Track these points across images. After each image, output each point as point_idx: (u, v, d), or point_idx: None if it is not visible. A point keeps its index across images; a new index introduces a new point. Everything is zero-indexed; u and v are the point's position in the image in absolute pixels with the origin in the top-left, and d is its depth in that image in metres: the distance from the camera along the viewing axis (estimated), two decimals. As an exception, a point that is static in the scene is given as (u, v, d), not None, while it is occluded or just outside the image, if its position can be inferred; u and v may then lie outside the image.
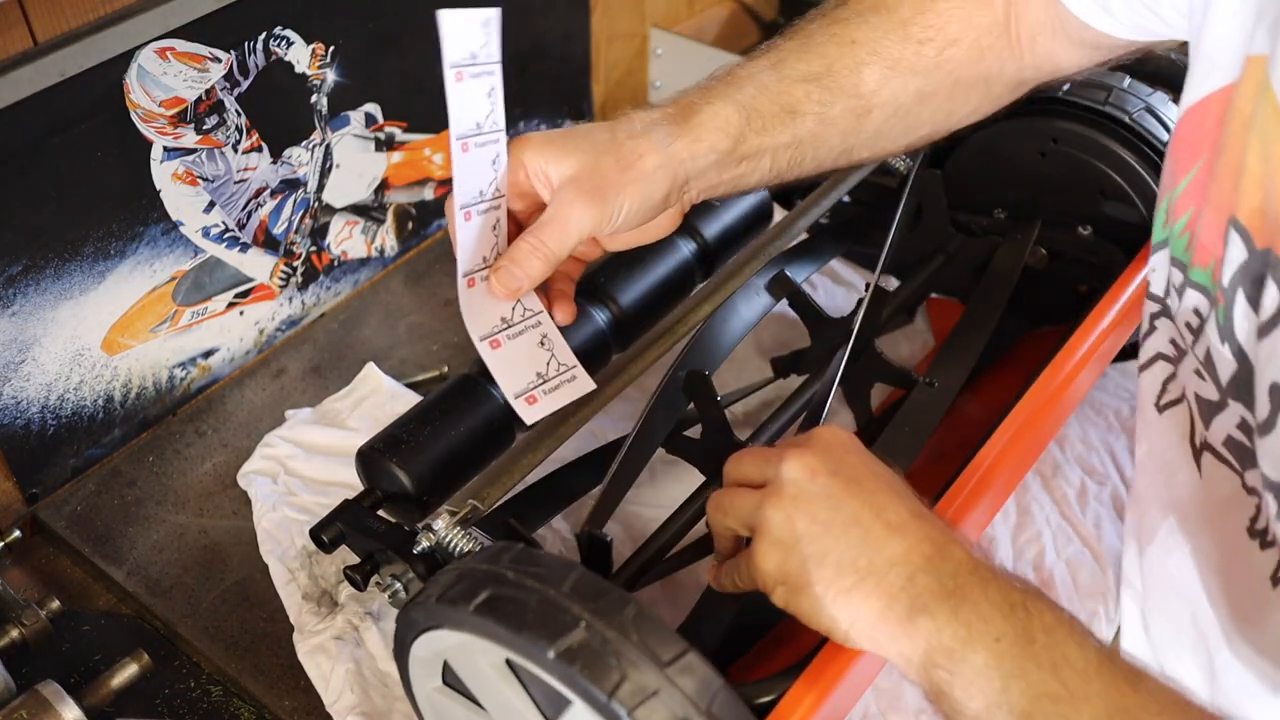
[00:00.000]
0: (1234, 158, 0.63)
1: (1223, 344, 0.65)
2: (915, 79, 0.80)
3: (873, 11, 0.81)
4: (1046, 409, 0.81)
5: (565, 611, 0.58)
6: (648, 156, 0.72)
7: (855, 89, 0.78)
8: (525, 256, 0.72)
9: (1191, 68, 0.69)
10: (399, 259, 1.26)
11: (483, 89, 0.71)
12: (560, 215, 0.71)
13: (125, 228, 0.98)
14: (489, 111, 0.72)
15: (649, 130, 0.73)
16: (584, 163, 0.71)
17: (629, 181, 0.71)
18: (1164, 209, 0.72)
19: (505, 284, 0.73)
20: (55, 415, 1.00)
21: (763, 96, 0.76)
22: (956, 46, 0.80)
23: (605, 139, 0.73)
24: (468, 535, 0.71)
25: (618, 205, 0.71)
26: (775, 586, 0.61)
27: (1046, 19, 0.80)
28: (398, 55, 1.14)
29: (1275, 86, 0.60)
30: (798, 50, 0.79)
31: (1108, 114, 0.95)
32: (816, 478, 0.61)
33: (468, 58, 0.70)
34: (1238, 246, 0.62)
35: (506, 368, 0.76)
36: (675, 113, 0.75)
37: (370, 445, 0.79)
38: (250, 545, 0.97)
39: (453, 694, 0.68)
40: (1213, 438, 0.71)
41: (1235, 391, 0.66)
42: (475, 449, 0.79)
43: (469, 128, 0.71)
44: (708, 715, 0.56)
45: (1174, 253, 0.71)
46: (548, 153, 0.72)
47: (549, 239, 0.71)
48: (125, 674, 0.85)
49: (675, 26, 1.51)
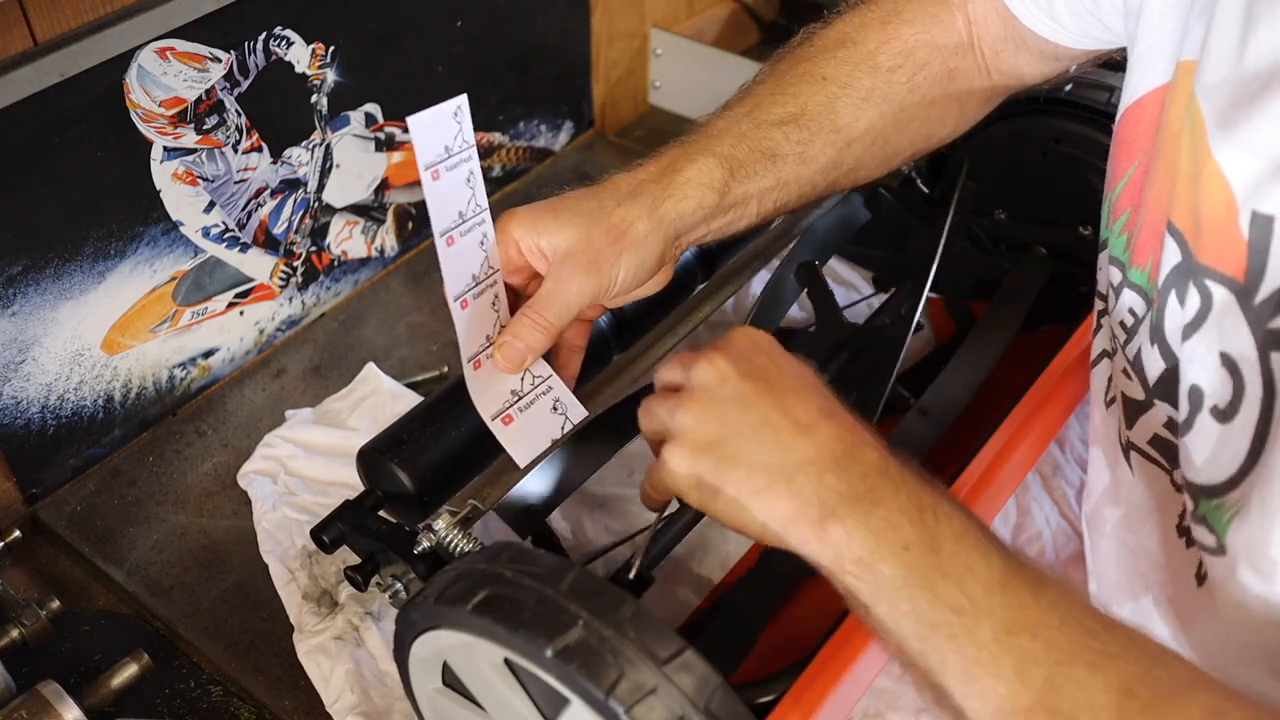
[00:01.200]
0: (1169, 162, 0.64)
1: (1153, 345, 0.66)
2: (890, 107, 0.81)
3: (839, 46, 0.82)
4: (1046, 408, 0.81)
5: (563, 610, 0.58)
6: (637, 223, 0.73)
7: (832, 124, 0.80)
8: (527, 331, 0.73)
9: (1129, 69, 0.70)
10: (399, 259, 1.26)
11: (460, 177, 0.72)
12: (560, 290, 0.73)
13: (125, 228, 0.98)
14: (469, 197, 0.73)
15: (635, 195, 0.75)
16: (576, 236, 0.73)
17: (623, 250, 0.73)
18: (1106, 209, 0.74)
19: (509, 358, 0.74)
20: (55, 415, 1.00)
21: (742, 145, 0.78)
22: (926, 70, 0.82)
23: (594, 208, 0.74)
24: (468, 535, 0.71)
25: (613, 274, 0.73)
26: (689, 490, 0.61)
27: (1006, 34, 0.82)
28: (398, 55, 1.14)
29: (1199, 95, 0.61)
30: (771, 94, 0.81)
31: (1109, 114, 0.95)
32: (727, 381, 0.61)
33: (442, 154, 0.71)
34: (1173, 249, 0.63)
35: (519, 440, 0.76)
36: (658, 172, 0.77)
37: (371, 445, 0.79)
38: (250, 545, 0.98)
39: (453, 694, 0.68)
40: (1136, 436, 0.72)
41: (1162, 391, 0.67)
42: (476, 449, 0.79)
43: (452, 220, 0.72)
44: (705, 713, 0.56)
45: (1113, 252, 0.73)
46: (538, 226, 0.73)
47: (548, 312, 0.73)
48: (125, 674, 0.85)
49: (675, 26, 1.51)
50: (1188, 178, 0.61)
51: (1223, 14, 0.60)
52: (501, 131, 1.29)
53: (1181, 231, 0.63)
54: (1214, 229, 0.59)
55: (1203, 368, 0.60)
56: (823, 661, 0.65)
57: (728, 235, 0.80)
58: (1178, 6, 0.66)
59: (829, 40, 0.83)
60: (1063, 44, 0.80)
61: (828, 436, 0.59)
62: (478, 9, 1.19)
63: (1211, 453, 0.60)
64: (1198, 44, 0.62)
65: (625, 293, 0.76)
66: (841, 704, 0.66)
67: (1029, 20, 0.79)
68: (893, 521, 0.56)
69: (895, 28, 0.82)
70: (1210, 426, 0.60)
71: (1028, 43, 0.81)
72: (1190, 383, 0.62)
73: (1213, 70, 0.60)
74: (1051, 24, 0.79)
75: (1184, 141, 0.62)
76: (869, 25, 0.82)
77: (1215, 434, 0.60)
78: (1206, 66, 0.61)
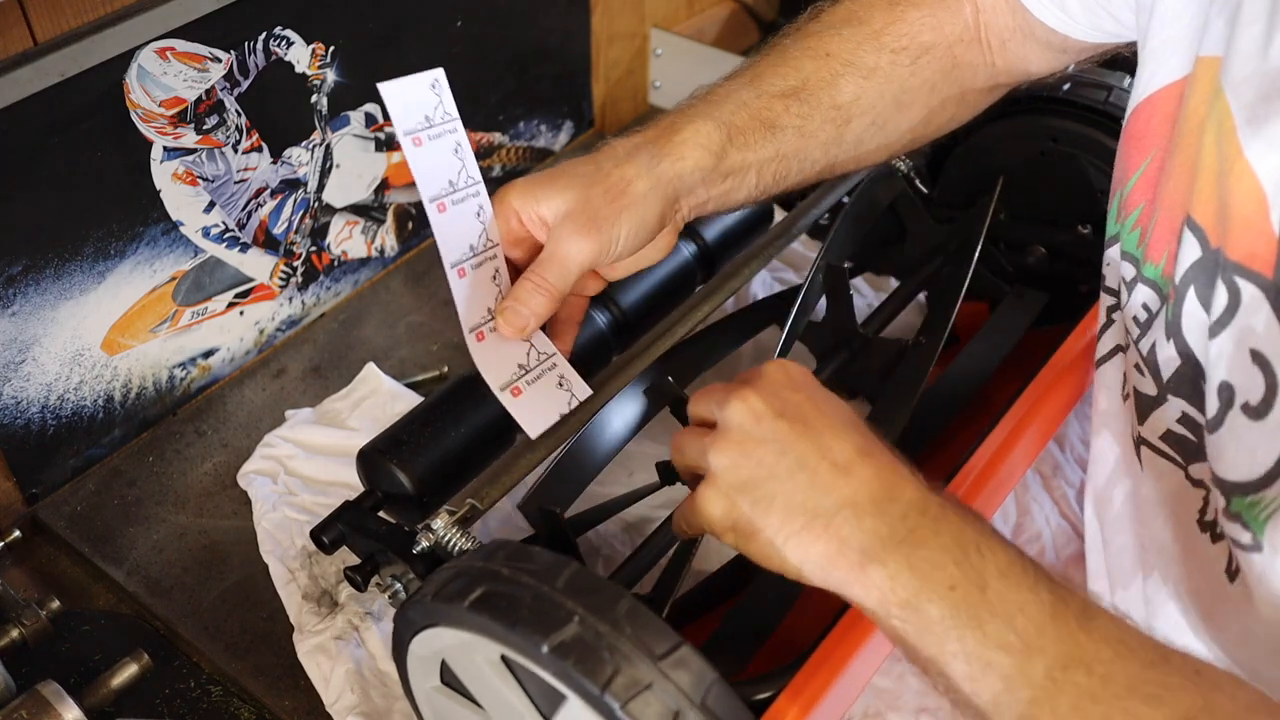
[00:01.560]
0: (1188, 157, 0.64)
1: (1169, 340, 0.66)
2: (891, 87, 0.81)
3: (845, 24, 0.82)
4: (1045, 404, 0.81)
5: (559, 607, 0.58)
6: (636, 181, 0.73)
7: (833, 100, 0.80)
8: (529, 294, 0.73)
9: (1141, 64, 0.70)
10: (399, 259, 1.26)
11: (447, 147, 0.72)
12: (559, 251, 0.72)
13: (125, 228, 0.99)
14: (459, 167, 0.73)
15: (633, 155, 0.74)
16: (575, 198, 0.72)
17: (622, 208, 0.72)
18: (1116, 204, 0.74)
19: (512, 323, 0.74)
20: (55, 415, 1.00)
21: (742, 112, 0.77)
22: (930, 54, 0.82)
23: (591, 171, 0.74)
24: (467, 535, 0.71)
25: (614, 233, 0.72)
26: (724, 532, 0.61)
27: (1014, 24, 0.81)
28: (398, 55, 1.14)
29: (1227, 91, 0.60)
30: (774, 66, 0.81)
31: (1108, 113, 0.95)
32: (762, 421, 0.60)
33: (422, 122, 0.70)
34: (1191, 245, 0.63)
35: (529, 412, 0.77)
36: (656, 135, 0.76)
37: (371, 446, 0.79)
38: (250, 545, 0.98)
39: (451, 693, 0.68)
40: (1148, 432, 0.72)
41: (1177, 387, 0.66)
42: (475, 449, 0.79)
43: (442, 188, 0.72)
44: (702, 708, 0.56)
45: (1125, 247, 0.72)
46: (536, 194, 0.73)
47: (550, 274, 0.72)
48: (125, 674, 0.85)
49: (675, 26, 1.51)
50: (1212, 173, 0.61)
51: (1249, 10, 0.60)
52: (501, 131, 1.29)
53: (1202, 227, 0.62)
54: (1244, 226, 0.58)
55: (1232, 365, 0.60)
56: (820, 658, 0.65)
57: (728, 206, 0.79)
58: (1194, 1, 0.65)
59: (835, 17, 0.82)
60: (1072, 36, 0.80)
61: (866, 477, 0.58)
62: (478, 9, 1.19)
63: (1244, 450, 0.60)
64: (1220, 39, 0.62)
65: (627, 254, 0.74)
66: (839, 701, 0.66)
67: (1039, 11, 0.79)
68: (937, 562, 0.55)
69: (903, 9, 0.81)
70: (1242, 424, 0.59)
71: (1036, 34, 0.81)
72: (1219, 380, 0.61)
73: (1239, 66, 0.60)
74: (1062, 15, 0.78)
75: (1207, 136, 0.62)
76: (876, 5, 0.82)
77: (1247, 431, 0.59)
78: (1233, 62, 0.61)
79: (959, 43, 0.82)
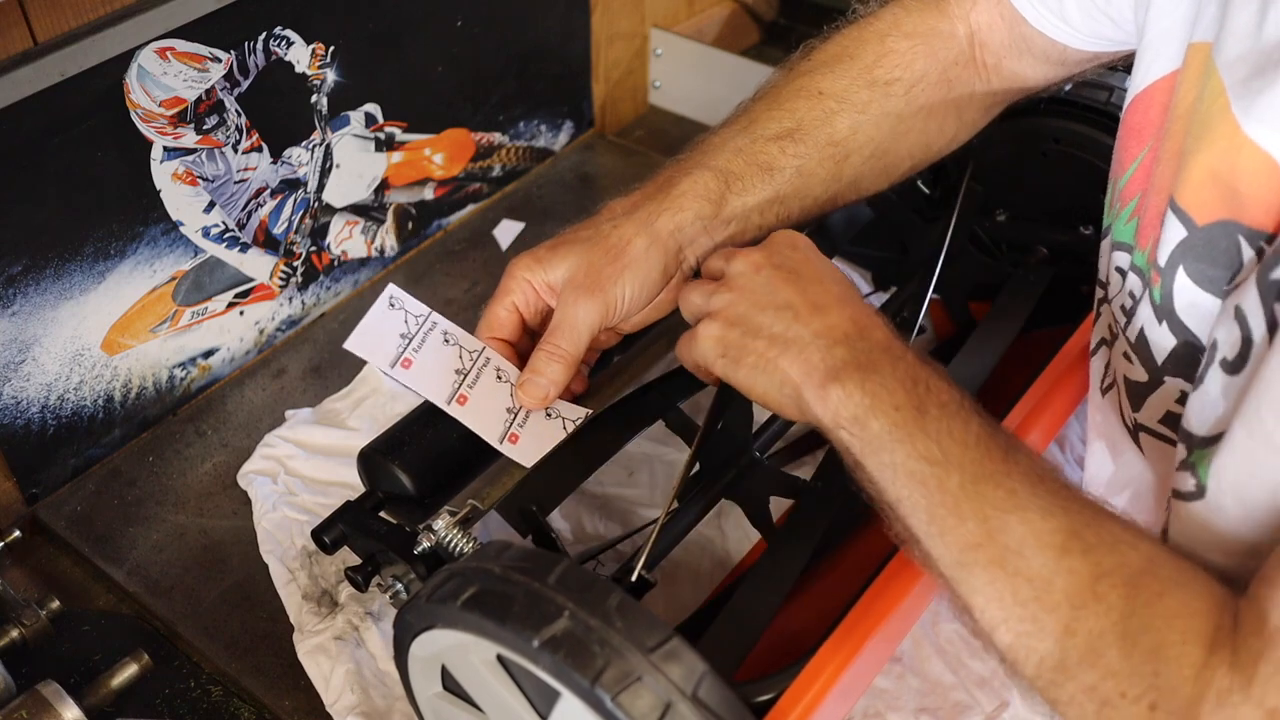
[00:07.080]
0: (1176, 143, 0.66)
1: (1160, 323, 0.67)
2: (887, 119, 0.82)
3: (837, 61, 0.83)
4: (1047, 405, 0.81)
5: (550, 602, 0.59)
6: (635, 239, 0.76)
7: (829, 137, 0.81)
8: (545, 364, 0.76)
9: (1138, 57, 0.72)
10: (399, 259, 1.26)
11: (436, 343, 0.78)
12: (568, 316, 0.76)
13: (125, 228, 0.99)
14: (403, 317, 0.78)
15: (631, 214, 0.77)
16: (577, 262, 0.76)
17: (623, 267, 0.76)
18: (1111, 195, 0.75)
19: (533, 395, 0.77)
20: (55, 415, 1.00)
21: (738, 159, 0.80)
22: (924, 81, 0.83)
23: (590, 234, 0.77)
24: (467, 535, 0.71)
25: (618, 292, 0.76)
26: (716, 359, 0.68)
27: (1009, 41, 0.82)
28: (398, 55, 1.14)
29: (1221, 70, 0.62)
30: (767, 110, 0.82)
31: (1109, 113, 0.94)
32: (760, 270, 0.69)
33: (400, 343, 0.77)
34: (1175, 226, 0.64)
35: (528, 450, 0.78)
36: (654, 190, 0.79)
37: (371, 446, 0.79)
38: (250, 545, 0.97)
39: (453, 699, 0.69)
40: (1145, 418, 0.72)
41: (1175, 368, 0.68)
42: (476, 450, 0.79)
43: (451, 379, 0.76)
44: (693, 700, 0.57)
45: (1119, 237, 0.74)
46: (545, 265, 0.77)
47: (562, 341, 0.76)
48: (125, 674, 0.85)
49: (675, 26, 1.51)
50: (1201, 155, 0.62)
51: None
52: (501, 131, 1.29)
53: (1185, 209, 0.63)
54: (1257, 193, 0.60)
55: (1221, 322, 0.61)
56: (822, 661, 0.65)
57: None
58: None
59: (826, 55, 0.84)
60: (1071, 45, 0.80)
61: (842, 318, 0.66)
62: (478, 9, 1.19)
63: (1215, 403, 0.61)
64: (1213, 24, 0.64)
65: (635, 310, 0.78)
66: (840, 703, 0.66)
67: (1038, 22, 0.79)
68: (888, 387, 0.62)
69: (894, 41, 0.83)
70: (1218, 378, 0.60)
71: (1033, 46, 0.81)
72: (1214, 337, 0.62)
73: (1233, 45, 0.62)
74: (1061, 25, 0.79)
75: (1194, 121, 0.63)
76: (867, 40, 0.83)
77: (1221, 385, 0.60)
78: (1226, 42, 0.62)
79: (954, 66, 0.83)
